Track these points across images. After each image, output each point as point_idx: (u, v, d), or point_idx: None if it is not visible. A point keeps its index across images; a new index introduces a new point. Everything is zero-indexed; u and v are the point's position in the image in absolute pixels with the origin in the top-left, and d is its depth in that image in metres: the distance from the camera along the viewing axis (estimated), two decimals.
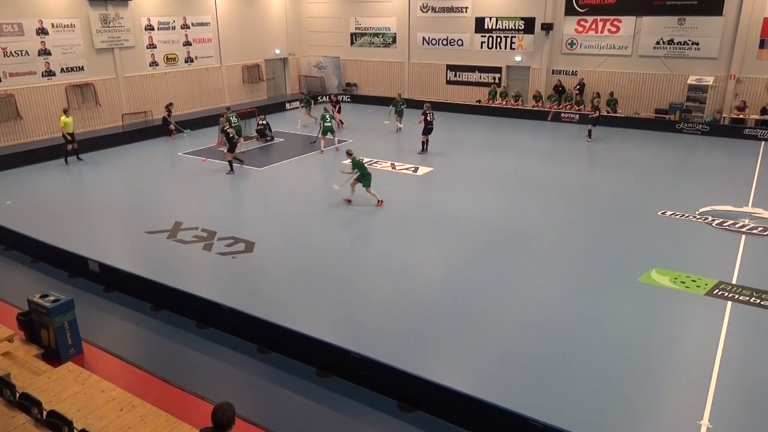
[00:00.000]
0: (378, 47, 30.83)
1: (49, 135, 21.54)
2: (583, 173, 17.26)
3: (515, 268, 11.04)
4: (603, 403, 7.19)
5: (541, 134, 23.16)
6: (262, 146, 21.27)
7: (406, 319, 9.21)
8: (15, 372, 7.04)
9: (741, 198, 14.69)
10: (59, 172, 17.88)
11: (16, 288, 10.31)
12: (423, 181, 16.77)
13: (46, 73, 21.52)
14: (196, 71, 27.15)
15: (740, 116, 22.36)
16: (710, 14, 22.38)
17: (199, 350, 8.48)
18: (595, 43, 25.02)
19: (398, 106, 23.43)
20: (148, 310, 9.63)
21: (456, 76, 28.94)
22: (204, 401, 7.20)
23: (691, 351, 8.35)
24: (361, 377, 7.56)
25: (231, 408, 4.69)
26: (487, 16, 27.21)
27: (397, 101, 23.66)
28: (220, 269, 11.11)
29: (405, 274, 10.81)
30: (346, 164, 15.50)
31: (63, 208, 14.80)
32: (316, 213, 14.16)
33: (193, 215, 13.84)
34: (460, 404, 6.80)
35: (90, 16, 22.48)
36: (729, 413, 7.01)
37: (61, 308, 7.97)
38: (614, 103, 24.44)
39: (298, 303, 9.73)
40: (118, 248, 12.18)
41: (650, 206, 14.17)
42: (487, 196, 15.29)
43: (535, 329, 8.85)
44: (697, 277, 10.46)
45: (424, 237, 12.69)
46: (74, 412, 6.22)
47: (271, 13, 30.55)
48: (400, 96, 24.53)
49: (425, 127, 19.38)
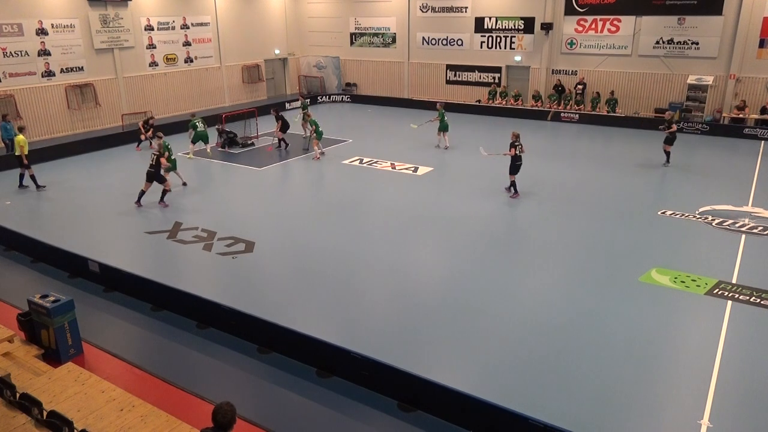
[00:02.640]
0: (378, 47, 30.83)
1: (48, 135, 21.55)
2: (583, 173, 17.25)
3: (515, 268, 11.05)
4: (603, 403, 7.19)
5: (541, 134, 23.14)
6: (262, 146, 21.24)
7: (406, 319, 9.21)
8: (15, 372, 7.04)
9: (741, 197, 14.69)
10: (59, 173, 17.86)
11: (16, 288, 10.31)
12: (423, 180, 16.77)
13: (45, 74, 21.52)
14: (196, 71, 27.15)
15: (740, 116, 22.37)
16: (710, 14, 22.39)
17: (199, 350, 8.48)
18: (595, 42, 25.03)
19: (443, 118, 19.75)
20: (148, 311, 9.63)
21: (456, 76, 28.94)
22: (204, 401, 7.20)
23: (691, 351, 8.35)
24: (361, 377, 7.56)
25: (232, 408, 4.67)
26: (487, 16, 27.21)
27: (441, 112, 19.82)
28: (220, 269, 11.11)
29: (405, 274, 10.82)
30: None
31: (63, 208, 14.80)
32: (316, 213, 14.16)
33: (193, 215, 13.84)
34: (460, 404, 6.80)
35: (90, 16, 22.48)
36: (729, 413, 7.01)
37: (61, 309, 7.96)
38: (614, 102, 24.45)
39: (298, 303, 9.73)
40: (118, 248, 12.17)
41: (650, 206, 14.17)
42: (487, 195, 15.28)
43: (535, 329, 8.85)
44: (697, 276, 10.46)
45: (424, 237, 12.69)
46: (74, 412, 6.22)
47: (270, 13, 30.55)
48: (441, 106, 20.21)
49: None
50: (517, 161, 14.70)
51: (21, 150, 15.55)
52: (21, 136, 15.62)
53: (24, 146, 15.57)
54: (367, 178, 17.05)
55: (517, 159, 14.67)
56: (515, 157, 14.61)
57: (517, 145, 14.57)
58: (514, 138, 14.72)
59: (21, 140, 15.56)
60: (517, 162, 14.73)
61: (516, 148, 14.54)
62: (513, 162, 14.73)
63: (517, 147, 14.58)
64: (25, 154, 15.65)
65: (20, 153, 15.58)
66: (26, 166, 15.80)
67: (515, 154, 14.57)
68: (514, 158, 14.64)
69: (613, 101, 24.48)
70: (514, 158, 14.64)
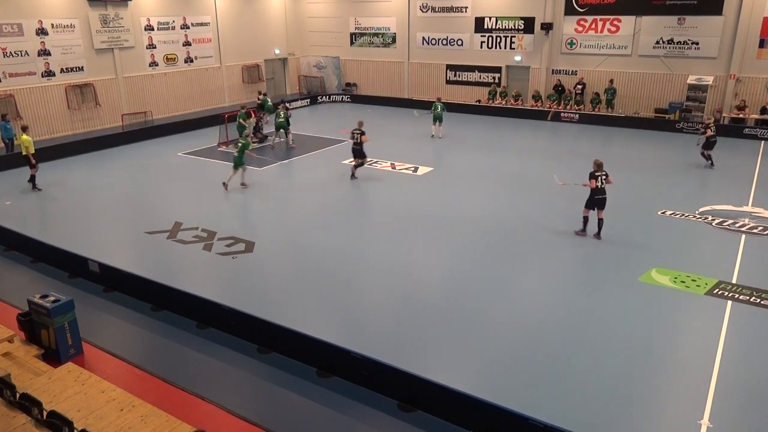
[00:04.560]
0: (378, 47, 30.82)
1: (48, 135, 21.54)
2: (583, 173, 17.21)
3: (515, 268, 11.04)
4: (603, 403, 7.19)
5: (541, 134, 23.15)
6: (261, 146, 21.25)
7: (406, 319, 9.21)
8: (15, 372, 7.05)
9: (741, 197, 14.69)
10: (59, 173, 17.86)
11: (16, 288, 10.31)
12: (423, 180, 16.76)
13: (45, 74, 21.52)
14: (196, 71, 27.15)
15: (740, 116, 22.36)
16: (710, 14, 22.39)
17: (199, 350, 8.48)
18: (595, 42, 25.03)
19: (437, 110, 21.68)
20: (148, 310, 9.63)
21: (456, 76, 28.94)
22: (204, 401, 7.20)
23: (691, 351, 8.35)
24: (361, 377, 7.57)
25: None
26: (487, 16, 27.20)
27: (436, 104, 21.90)
28: (220, 269, 11.11)
29: (405, 274, 10.82)
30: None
31: (63, 208, 14.80)
32: (316, 213, 14.16)
33: (193, 215, 13.84)
34: (460, 404, 6.80)
35: (90, 16, 22.48)
36: (729, 413, 7.01)
37: (61, 309, 7.97)
38: (612, 92, 24.31)
39: (298, 303, 9.73)
40: (118, 248, 12.17)
41: (650, 206, 14.17)
42: (487, 195, 15.28)
43: (535, 329, 8.85)
44: (697, 276, 10.46)
45: (424, 237, 12.69)
46: (74, 412, 6.22)
47: (270, 13, 30.55)
48: (439, 99, 22.74)
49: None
50: (597, 194, 12.05)
51: (26, 150, 15.41)
52: (25, 136, 15.44)
53: (29, 146, 15.42)
54: (367, 178, 17.05)
55: (598, 192, 12.04)
56: (595, 189, 12.03)
57: (598, 176, 12.01)
58: (595, 167, 12.15)
59: (26, 140, 15.39)
60: (597, 195, 12.06)
61: (597, 179, 11.99)
62: (592, 195, 12.14)
63: (599, 178, 12.00)
64: (32, 153, 15.51)
65: (26, 153, 15.46)
66: (33, 166, 15.66)
67: (596, 186, 12.02)
68: (594, 191, 12.06)
69: (611, 91, 24.32)
70: (594, 191, 12.06)
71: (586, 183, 12.17)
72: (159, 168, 18.67)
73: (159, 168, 18.67)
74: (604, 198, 12.10)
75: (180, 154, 20.09)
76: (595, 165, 12.23)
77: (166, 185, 16.79)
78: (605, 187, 12.07)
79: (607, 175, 12.10)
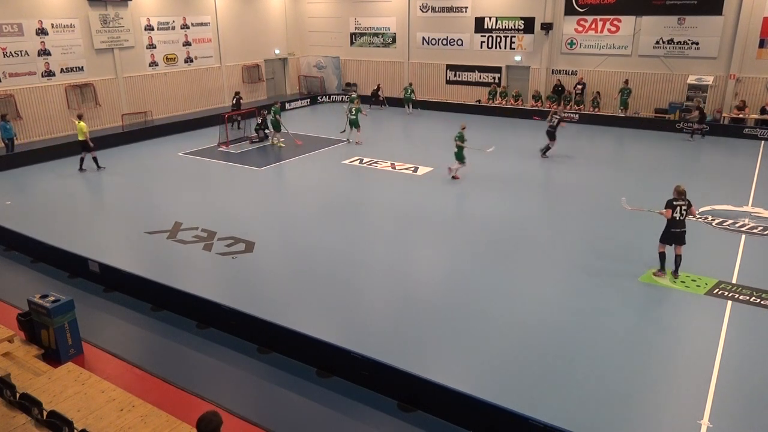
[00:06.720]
0: (378, 47, 30.83)
1: (48, 135, 21.56)
2: (583, 173, 17.25)
3: (515, 268, 11.04)
4: (603, 403, 7.19)
5: (541, 134, 23.09)
6: (261, 147, 21.25)
7: (406, 319, 9.21)
8: (15, 372, 7.04)
9: (741, 197, 14.69)
10: (59, 173, 17.87)
11: (16, 288, 10.31)
12: (423, 181, 16.76)
13: (45, 74, 21.53)
14: (196, 71, 27.16)
15: (740, 116, 22.37)
16: (710, 14, 22.39)
17: (199, 350, 8.48)
18: (595, 42, 25.03)
19: (407, 93, 26.74)
20: (148, 310, 9.63)
21: (456, 76, 28.94)
22: (204, 401, 7.20)
23: (691, 351, 8.34)
24: (361, 377, 7.56)
25: (216, 417, 4.44)
26: (487, 16, 27.21)
27: (407, 88, 26.87)
28: (220, 269, 11.11)
29: (405, 274, 10.82)
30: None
31: (63, 208, 14.80)
32: (316, 213, 14.16)
33: (193, 215, 13.83)
34: (460, 404, 6.80)
35: (90, 16, 22.49)
36: (729, 413, 7.01)
37: (61, 309, 7.97)
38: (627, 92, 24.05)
39: (298, 303, 9.73)
40: (118, 248, 12.17)
41: (650, 205, 14.11)
42: (487, 195, 15.27)
43: (534, 329, 8.86)
44: (697, 276, 10.45)
45: (424, 237, 12.68)
46: (74, 412, 6.22)
47: (270, 13, 30.56)
48: (410, 84, 27.49)
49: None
50: (674, 227, 10.10)
51: (85, 136, 17.29)
52: (82, 123, 17.31)
53: (86, 132, 17.36)
54: (367, 178, 17.05)
55: (675, 224, 10.08)
56: (672, 221, 10.10)
57: (677, 205, 10.03)
58: (676, 194, 10.12)
59: (83, 126, 17.26)
60: (673, 228, 10.11)
61: (675, 209, 10.03)
62: (668, 228, 10.20)
63: (678, 208, 10.03)
64: (89, 137, 17.46)
65: (84, 138, 17.28)
66: (92, 149, 17.56)
67: (672, 217, 10.13)
68: (671, 223, 10.13)
69: (627, 91, 24.00)
70: (671, 223, 10.13)
71: (662, 211, 10.25)
72: (159, 168, 18.67)
73: (159, 168, 18.67)
74: (683, 232, 10.13)
75: (180, 154, 20.09)
76: (675, 192, 10.15)
77: (166, 185, 16.79)
78: (685, 220, 10.12)
79: (690, 205, 10.12)
